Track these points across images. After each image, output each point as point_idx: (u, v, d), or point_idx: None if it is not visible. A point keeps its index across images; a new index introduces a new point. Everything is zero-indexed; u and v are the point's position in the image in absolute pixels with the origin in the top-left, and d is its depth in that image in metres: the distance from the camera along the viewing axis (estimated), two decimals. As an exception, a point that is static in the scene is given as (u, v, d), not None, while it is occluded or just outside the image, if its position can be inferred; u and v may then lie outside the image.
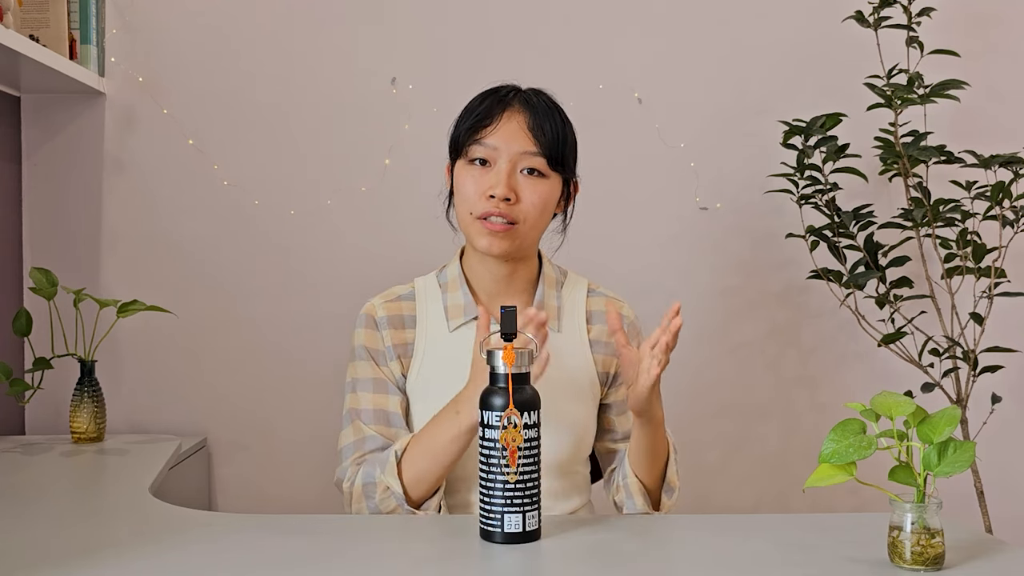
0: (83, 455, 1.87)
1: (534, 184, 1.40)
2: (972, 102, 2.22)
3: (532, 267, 1.50)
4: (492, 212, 1.39)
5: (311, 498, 2.22)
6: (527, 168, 1.40)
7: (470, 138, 1.41)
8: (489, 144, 1.40)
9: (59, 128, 2.25)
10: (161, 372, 2.27)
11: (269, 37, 2.26)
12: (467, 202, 1.41)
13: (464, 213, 1.42)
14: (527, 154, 1.40)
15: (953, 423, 1.05)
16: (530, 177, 1.40)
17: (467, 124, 1.42)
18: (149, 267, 2.26)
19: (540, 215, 1.42)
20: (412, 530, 1.29)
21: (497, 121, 1.40)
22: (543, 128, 1.40)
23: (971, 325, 2.14)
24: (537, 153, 1.40)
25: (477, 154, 1.41)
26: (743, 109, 2.31)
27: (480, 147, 1.40)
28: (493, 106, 1.42)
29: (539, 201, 1.41)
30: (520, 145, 1.40)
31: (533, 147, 1.40)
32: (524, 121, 1.40)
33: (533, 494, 1.16)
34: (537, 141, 1.40)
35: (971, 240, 2.06)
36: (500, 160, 1.40)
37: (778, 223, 2.28)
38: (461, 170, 1.43)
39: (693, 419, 2.32)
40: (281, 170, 2.27)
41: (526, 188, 1.40)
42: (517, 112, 1.41)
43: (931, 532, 1.05)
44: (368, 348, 1.47)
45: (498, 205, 1.38)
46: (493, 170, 1.40)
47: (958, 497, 2.06)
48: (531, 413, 1.16)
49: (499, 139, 1.40)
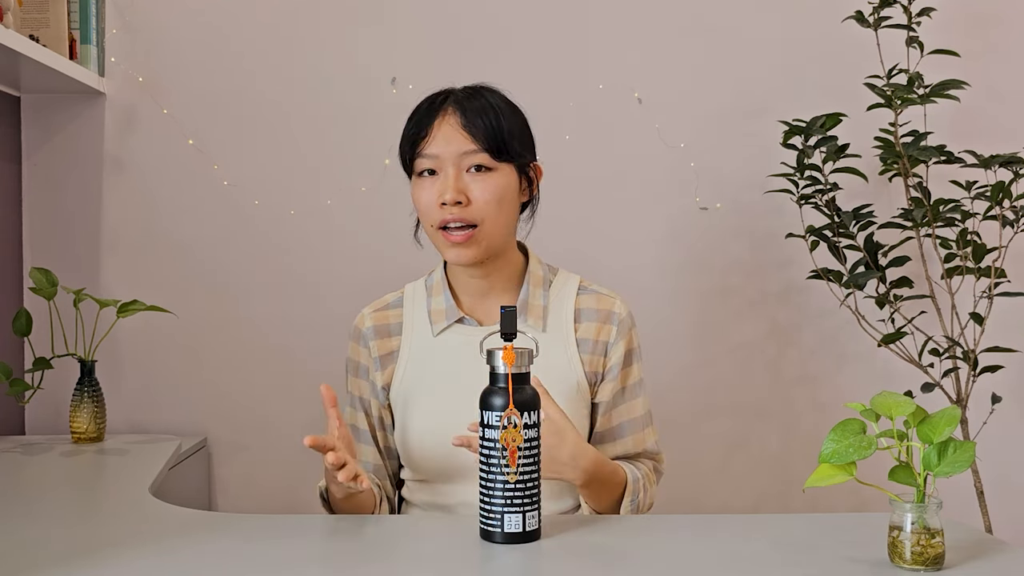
0: (83, 455, 1.87)
1: (483, 180, 1.40)
2: (972, 102, 2.22)
3: (513, 264, 1.49)
4: (448, 219, 1.39)
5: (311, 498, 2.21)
6: (473, 166, 1.40)
7: (413, 153, 1.43)
8: (430, 154, 1.40)
9: (59, 128, 2.25)
10: (161, 372, 2.27)
11: (269, 37, 2.26)
12: (425, 215, 1.43)
13: (426, 226, 1.44)
14: (467, 153, 1.39)
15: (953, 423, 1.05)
16: (478, 174, 1.40)
17: (407, 143, 1.44)
18: (149, 267, 2.26)
19: (498, 210, 1.41)
20: (412, 530, 1.29)
21: (430, 130, 1.41)
22: (476, 124, 1.40)
23: (971, 325, 2.14)
24: (477, 150, 1.39)
25: (423, 166, 1.42)
26: (743, 109, 2.31)
27: (424, 159, 1.41)
28: (424, 117, 1.43)
29: (492, 196, 1.40)
30: (458, 146, 1.39)
31: (471, 145, 1.39)
32: (456, 122, 1.40)
33: (533, 494, 1.16)
34: (473, 137, 1.39)
35: (971, 240, 2.06)
36: (445, 166, 1.40)
37: (778, 223, 2.28)
38: (414, 185, 1.44)
39: (693, 419, 2.32)
40: (281, 170, 2.27)
41: (475, 187, 1.39)
42: (450, 115, 1.41)
43: (931, 532, 1.05)
44: (353, 361, 1.53)
45: (451, 211, 1.38)
46: (440, 177, 1.40)
47: (958, 497, 2.06)
48: (531, 413, 1.16)
49: (437, 147, 1.40)
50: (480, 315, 1.47)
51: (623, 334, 1.49)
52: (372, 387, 1.50)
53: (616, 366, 1.48)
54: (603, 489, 1.38)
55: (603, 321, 1.49)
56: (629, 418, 1.49)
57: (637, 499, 1.42)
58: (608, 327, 1.48)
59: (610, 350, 1.48)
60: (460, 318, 1.46)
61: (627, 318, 1.51)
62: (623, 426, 1.49)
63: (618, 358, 1.48)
